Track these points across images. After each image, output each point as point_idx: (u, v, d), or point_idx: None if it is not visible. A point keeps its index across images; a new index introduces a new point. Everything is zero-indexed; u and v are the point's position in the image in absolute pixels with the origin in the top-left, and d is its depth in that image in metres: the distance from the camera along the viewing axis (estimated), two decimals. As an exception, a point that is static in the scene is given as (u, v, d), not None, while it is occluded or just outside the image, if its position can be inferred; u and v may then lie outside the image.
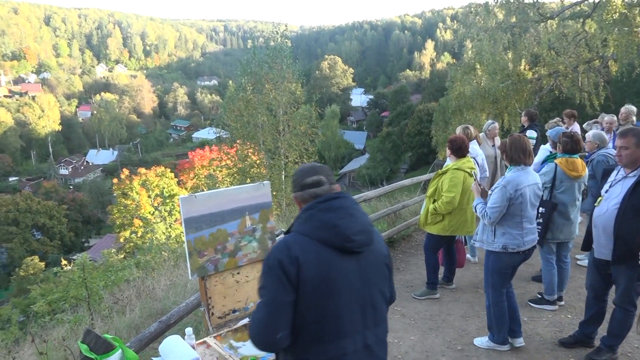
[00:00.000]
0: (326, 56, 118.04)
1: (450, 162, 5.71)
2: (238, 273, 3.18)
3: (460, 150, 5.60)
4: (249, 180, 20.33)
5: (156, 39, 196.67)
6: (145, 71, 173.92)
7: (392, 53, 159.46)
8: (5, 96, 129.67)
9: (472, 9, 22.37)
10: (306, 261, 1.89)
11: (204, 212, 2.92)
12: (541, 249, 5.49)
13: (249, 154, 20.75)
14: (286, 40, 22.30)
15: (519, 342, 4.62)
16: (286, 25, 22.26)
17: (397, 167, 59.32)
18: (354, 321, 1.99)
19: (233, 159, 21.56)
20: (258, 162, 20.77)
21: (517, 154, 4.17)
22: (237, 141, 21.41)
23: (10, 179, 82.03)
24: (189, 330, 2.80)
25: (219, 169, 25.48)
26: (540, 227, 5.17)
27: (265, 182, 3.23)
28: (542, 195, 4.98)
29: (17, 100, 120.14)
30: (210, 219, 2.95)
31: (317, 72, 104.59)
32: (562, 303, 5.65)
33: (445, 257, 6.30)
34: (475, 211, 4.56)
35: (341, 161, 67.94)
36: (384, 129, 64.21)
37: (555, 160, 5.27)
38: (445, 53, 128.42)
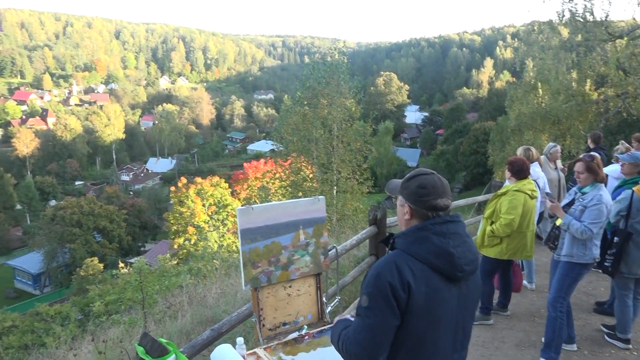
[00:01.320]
0: (382, 72, 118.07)
1: (509, 184, 5.54)
2: (290, 286, 3.19)
3: (521, 172, 5.42)
4: (301, 193, 20.51)
5: (217, 53, 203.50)
6: (205, 84, 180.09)
7: (449, 70, 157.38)
8: (76, 105, 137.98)
9: (535, 27, 21.74)
10: (417, 288, 1.85)
11: (260, 224, 2.97)
12: (615, 283, 5.20)
13: (302, 168, 20.94)
14: (343, 56, 22.47)
15: (573, 347, 4.94)
16: (344, 42, 22.47)
17: (451, 187, 58.08)
18: (447, 346, 1.99)
19: (286, 172, 21.85)
20: (311, 176, 20.92)
21: (600, 173, 4.52)
22: (291, 154, 21.68)
23: (77, 183, 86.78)
24: (240, 340, 2.83)
25: (272, 181, 25.89)
26: (612, 257, 4.89)
27: (321, 197, 3.24)
28: (617, 224, 4.97)
29: (86, 108, 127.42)
30: (266, 231, 2.99)
31: (372, 88, 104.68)
32: (630, 346, 5.24)
33: (501, 282, 6.07)
34: (563, 229, 4.66)
35: (393, 178, 67.30)
36: (438, 147, 63.30)
37: (634, 188, 4.94)
38: (505, 71, 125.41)
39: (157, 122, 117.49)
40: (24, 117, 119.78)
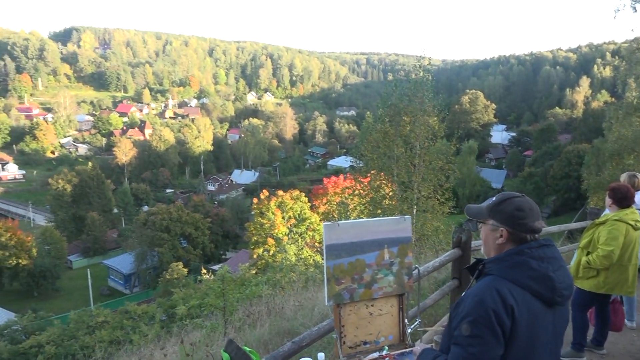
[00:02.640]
0: (467, 90, 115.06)
1: (609, 212, 5.14)
2: (372, 305, 3.16)
3: (624, 200, 5.01)
4: (379, 211, 20.33)
5: (302, 70, 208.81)
6: (289, 100, 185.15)
7: (540, 89, 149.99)
8: (170, 117, 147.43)
9: (638, 45, 20.21)
10: (520, 314, 1.82)
11: (345, 240, 2.98)
12: None
13: (382, 185, 20.79)
14: (428, 74, 22.18)
15: None
16: (429, 59, 22.12)
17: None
18: None
19: (365, 189, 21.78)
20: (390, 193, 20.70)
21: None
22: (371, 171, 21.60)
23: (167, 191, 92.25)
24: (321, 355, 2.84)
25: (351, 197, 25.91)
26: None
27: (407, 216, 3.20)
28: None
29: (179, 121, 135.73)
30: (351, 248, 2.99)
31: (456, 106, 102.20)
32: None
33: (597, 318, 5.62)
34: None
35: (475, 199, 64.97)
36: (526, 169, 60.35)
37: None
38: (603, 91, 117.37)
39: (243, 135, 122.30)
40: (124, 127, 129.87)
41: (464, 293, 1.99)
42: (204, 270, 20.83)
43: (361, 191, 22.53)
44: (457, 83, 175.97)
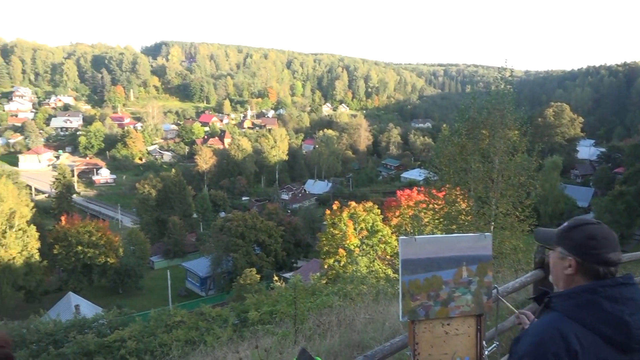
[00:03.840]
0: (552, 103, 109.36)
1: None
2: (448, 324, 3.07)
3: None
4: (454, 226, 19.75)
5: (378, 81, 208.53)
6: (364, 111, 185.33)
7: (634, 102, 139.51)
8: (248, 128, 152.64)
9: None
10: None
11: (422, 256, 2.92)
12: None
13: (458, 200, 20.20)
14: (509, 85, 21.37)
15: None
16: (511, 70, 21.31)
17: (630, 233, 50.99)
18: None
19: (440, 203, 21.26)
20: (467, 209, 20.06)
21: None
22: (446, 185, 21.07)
23: (243, 198, 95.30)
24: (393, 372, 2.79)
25: (425, 211, 25.37)
26: None
27: (487, 234, 3.08)
28: None
29: (257, 131, 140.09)
30: (427, 264, 2.93)
31: (539, 119, 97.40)
32: None
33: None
34: None
35: (559, 218, 61.26)
36: (617, 187, 56.23)
37: None
38: None
39: (317, 146, 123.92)
40: (205, 137, 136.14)
41: (526, 327, 1.84)
42: (275, 278, 21.18)
43: (435, 205, 22.02)
44: (540, 95, 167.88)
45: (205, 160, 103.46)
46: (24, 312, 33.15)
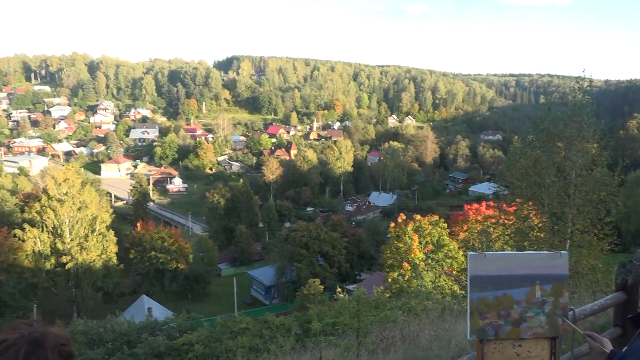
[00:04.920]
0: (635, 114, 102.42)
1: None
2: (520, 345, 2.93)
3: None
4: (526, 243, 18.89)
5: (446, 93, 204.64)
6: (431, 123, 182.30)
7: None
8: (314, 139, 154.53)
9: None
10: None
11: (492, 272, 2.81)
12: None
13: (530, 216, 19.30)
14: (587, 96, 20.26)
15: None
16: (590, 80, 20.21)
17: None
18: None
19: (511, 218, 20.41)
20: (540, 225, 19.13)
21: None
22: (518, 200, 20.22)
23: (308, 209, 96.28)
24: (460, 392, 2.70)
25: (494, 226, 24.47)
26: None
27: (563, 252, 2.92)
28: None
29: (322, 143, 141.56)
30: (497, 281, 2.81)
31: (621, 131, 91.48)
32: None
33: None
34: None
35: (644, 237, 56.94)
36: None
37: None
38: None
39: (382, 158, 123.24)
40: (272, 148, 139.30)
41: (626, 347, 1.72)
42: (339, 289, 21.17)
43: (506, 220, 21.19)
44: (622, 106, 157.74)
45: (272, 171, 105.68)
46: (102, 312, 35.20)
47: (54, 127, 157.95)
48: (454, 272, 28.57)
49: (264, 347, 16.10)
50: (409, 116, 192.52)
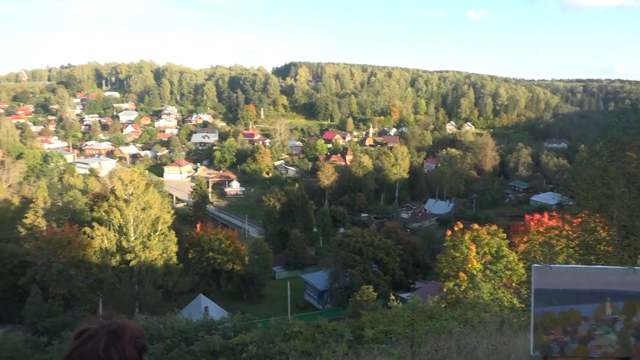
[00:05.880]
0: None
1: None
2: (587, 364, 2.79)
3: None
4: (592, 257, 17.94)
5: (507, 99, 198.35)
6: (491, 130, 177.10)
7: None
8: (370, 145, 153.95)
9: None
10: None
11: (558, 286, 2.69)
12: None
13: (597, 228, 18.30)
14: (664, 102, 19.00)
15: None
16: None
17: None
18: None
19: (576, 230, 19.45)
20: (607, 238, 18.10)
21: None
22: (584, 211, 19.23)
23: (362, 215, 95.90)
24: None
25: (557, 238, 23.41)
26: None
27: (637, 268, 2.76)
28: None
29: (378, 149, 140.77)
30: (564, 296, 2.69)
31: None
32: None
33: None
34: None
35: None
36: None
37: None
38: None
39: (439, 165, 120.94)
40: (328, 153, 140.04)
41: None
42: (392, 297, 20.92)
43: (570, 232, 20.22)
44: None
45: (327, 176, 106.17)
46: (161, 309, 36.58)
47: (121, 131, 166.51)
48: (513, 284, 27.55)
49: (316, 352, 16.16)
50: (468, 122, 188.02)
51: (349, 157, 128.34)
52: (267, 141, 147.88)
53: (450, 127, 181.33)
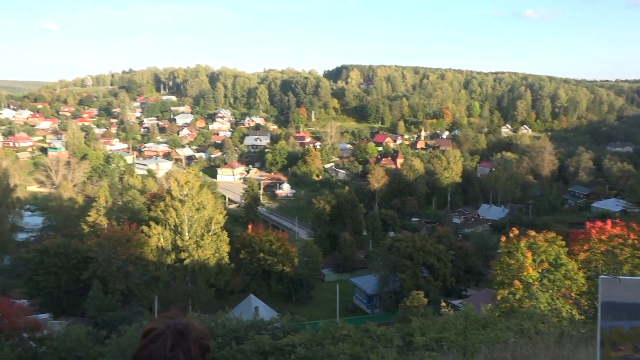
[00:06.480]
0: None
1: None
2: (660, 384, 2.59)
3: None
4: (661, 268, 16.89)
5: (567, 101, 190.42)
6: (549, 133, 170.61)
7: None
8: (422, 148, 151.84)
9: None
10: None
11: (628, 300, 2.52)
12: None
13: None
14: None
15: None
16: None
17: None
18: None
19: (642, 239, 18.38)
20: (679, 248, 17.02)
21: None
22: (652, 219, 18.14)
23: (413, 219, 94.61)
24: None
25: (621, 247, 22.17)
26: None
27: None
28: None
29: (430, 152, 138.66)
30: (635, 310, 2.52)
31: None
32: None
33: None
34: None
35: None
36: None
37: None
38: None
39: (494, 169, 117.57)
40: (378, 156, 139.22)
41: None
42: (443, 303, 20.47)
43: (636, 242, 19.16)
44: None
45: (377, 179, 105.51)
46: (213, 307, 37.45)
47: (178, 133, 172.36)
48: (573, 294, 26.34)
49: (364, 356, 16.05)
50: (525, 125, 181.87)
51: (399, 160, 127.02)
52: (318, 144, 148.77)
53: (506, 130, 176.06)
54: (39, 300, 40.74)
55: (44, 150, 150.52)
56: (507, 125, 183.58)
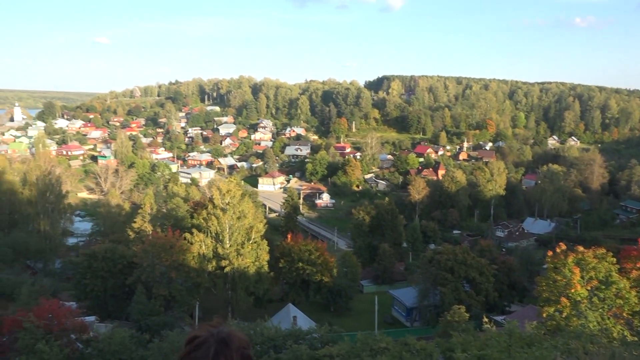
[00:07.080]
0: None
1: None
2: None
3: None
4: None
5: (618, 111, 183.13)
6: (599, 145, 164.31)
7: None
8: (464, 160, 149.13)
9: None
10: None
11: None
12: None
13: None
14: None
15: None
16: None
17: None
18: None
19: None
20: None
21: None
22: None
23: (454, 232, 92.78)
24: None
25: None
26: None
27: None
28: None
29: (472, 164, 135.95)
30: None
31: None
32: None
33: None
34: None
35: None
36: None
37: None
38: None
39: (539, 181, 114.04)
40: (419, 167, 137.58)
41: None
42: (485, 319, 19.93)
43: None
44: None
45: (418, 191, 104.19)
46: (252, 315, 37.78)
47: (220, 143, 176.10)
48: (624, 314, 25.09)
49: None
50: (573, 137, 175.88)
51: (441, 172, 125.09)
52: (358, 154, 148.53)
53: (552, 142, 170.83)
54: (86, 303, 42.21)
55: (94, 159, 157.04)
56: (554, 136, 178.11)
